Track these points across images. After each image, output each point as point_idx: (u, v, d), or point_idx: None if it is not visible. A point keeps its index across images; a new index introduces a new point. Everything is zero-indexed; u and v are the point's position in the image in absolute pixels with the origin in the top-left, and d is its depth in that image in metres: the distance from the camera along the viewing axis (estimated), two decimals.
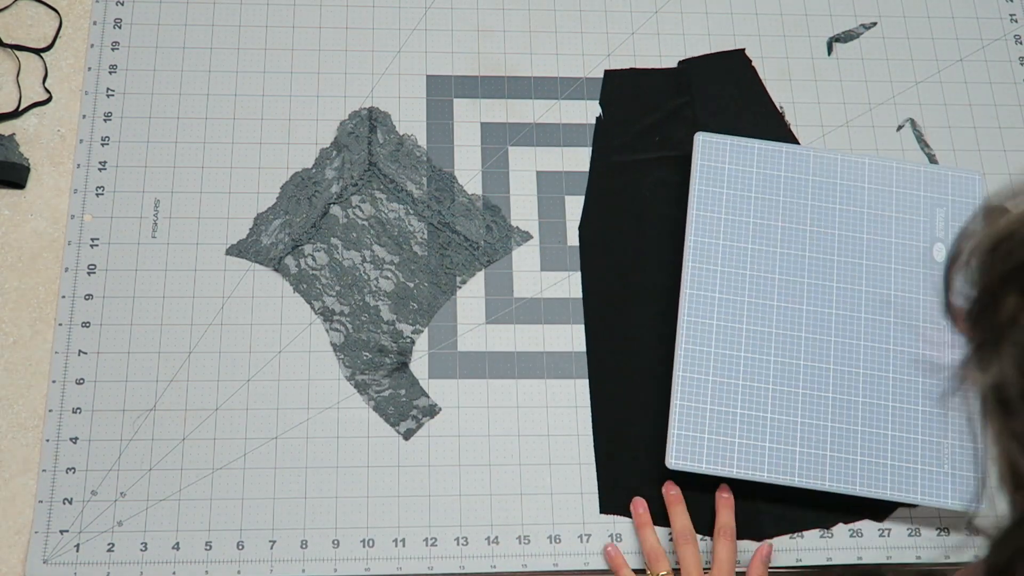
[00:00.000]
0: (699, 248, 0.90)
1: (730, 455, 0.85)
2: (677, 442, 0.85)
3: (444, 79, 0.99)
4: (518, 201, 0.95)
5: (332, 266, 0.91)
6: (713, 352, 0.87)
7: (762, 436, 0.85)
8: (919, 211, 0.93)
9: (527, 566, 0.84)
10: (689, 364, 0.87)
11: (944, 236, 0.92)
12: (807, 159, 0.93)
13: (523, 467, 0.87)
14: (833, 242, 0.91)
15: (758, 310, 0.89)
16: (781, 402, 0.86)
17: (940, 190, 0.93)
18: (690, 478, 0.85)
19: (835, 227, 0.92)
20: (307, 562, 0.83)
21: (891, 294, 0.90)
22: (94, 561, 0.82)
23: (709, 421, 0.85)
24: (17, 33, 0.98)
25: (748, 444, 0.85)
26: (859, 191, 0.93)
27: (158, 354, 0.88)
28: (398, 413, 0.88)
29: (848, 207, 0.92)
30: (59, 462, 0.84)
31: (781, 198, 0.92)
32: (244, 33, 0.99)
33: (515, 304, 0.92)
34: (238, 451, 0.86)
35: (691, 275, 0.89)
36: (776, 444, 0.85)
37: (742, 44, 1.03)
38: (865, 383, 0.87)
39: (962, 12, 1.06)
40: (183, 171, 0.94)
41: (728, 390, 0.86)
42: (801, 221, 0.92)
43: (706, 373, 0.87)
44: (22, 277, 0.90)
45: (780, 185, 0.92)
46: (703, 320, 0.88)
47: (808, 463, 0.85)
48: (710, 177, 0.92)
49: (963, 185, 0.94)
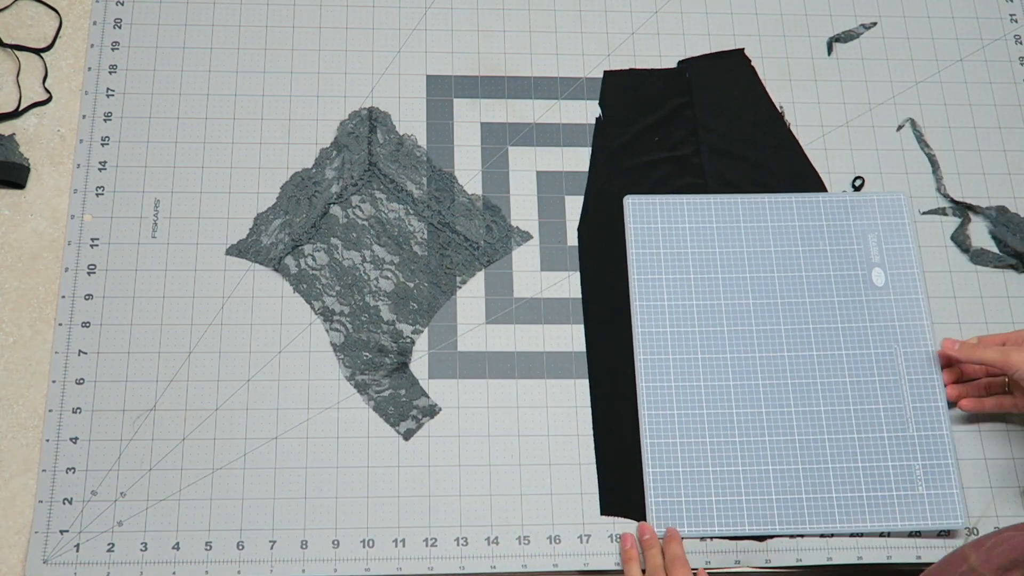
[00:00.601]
0: (645, 311, 0.91)
1: (709, 514, 0.85)
2: (656, 509, 0.85)
3: (444, 79, 0.99)
4: (518, 201, 0.95)
5: (332, 266, 0.91)
6: (676, 415, 0.88)
7: (737, 490, 0.86)
8: (851, 240, 0.93)
9: (527, 566, 0.84)
10: (655, 430, 0.87)
11: (880, 260, 0.93)
12: (736, 207, 0.94)
13: (523, 467, 0.87)
14: (774, 285, 0.92)
15: (713, 365, 0.89)
16: (750, 453, 0.87)
17: (868, 216, 0.94)
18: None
19: (773, 270, 0.92)
20: (307, 562, 0.83)
21: (838, 327, 0.90)
22: (94, 561, 0.82)
23: (684, 484, 0.86)
24: (17, 33, 0.98)
25: (725, 500, 0.85)
26: (791, 230, 0.94)
27: (158, 354, 0.88)
28: (398, 413, 0.88)
29: (783, 248, 0.93)
30: (59, 462, 0.84)
31: (717, 250, 0.93)
32: (244, 33, 0.99)
33: (515, 304, 0.92)
34: (238, 451, 0.86)
35: (642, 339, 0.90)
36: (752, 496, 0.85)
37: (742, 44, 1.03)
38: (828, 419, 0.88)
39: (962, 12, 1.06)
40: (183, 171, 0.94)
41: (696, 449, 0.87)
42: (740, 269, 0.92)
43: (672, 436, 0.87)
44: (22, 277, 0.90)
45: (714, 237, 0.93)
46: (661, 384, 0.88)
47: (786, 509, 0.85)
48: (645, 239, 0.93)
49: (889, 208, 0.95)
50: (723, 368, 0.89)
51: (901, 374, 0.90)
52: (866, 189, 0.97)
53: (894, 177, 0.98)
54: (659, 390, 0.88)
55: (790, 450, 0.87)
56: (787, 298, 0.91)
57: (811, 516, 0.85)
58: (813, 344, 0.90)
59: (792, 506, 0.85)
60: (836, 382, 0.89)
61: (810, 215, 0.94)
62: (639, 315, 0.90)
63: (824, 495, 0.86)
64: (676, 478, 0.86)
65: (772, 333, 0.90)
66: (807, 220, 0.94)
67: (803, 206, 0.94)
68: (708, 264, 0.92)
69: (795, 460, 0.87)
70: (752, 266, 0.92)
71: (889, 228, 0.94)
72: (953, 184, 0.98)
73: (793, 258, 0.93)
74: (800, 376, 0.89)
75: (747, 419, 0.88)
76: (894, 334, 0.91)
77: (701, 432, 0.87)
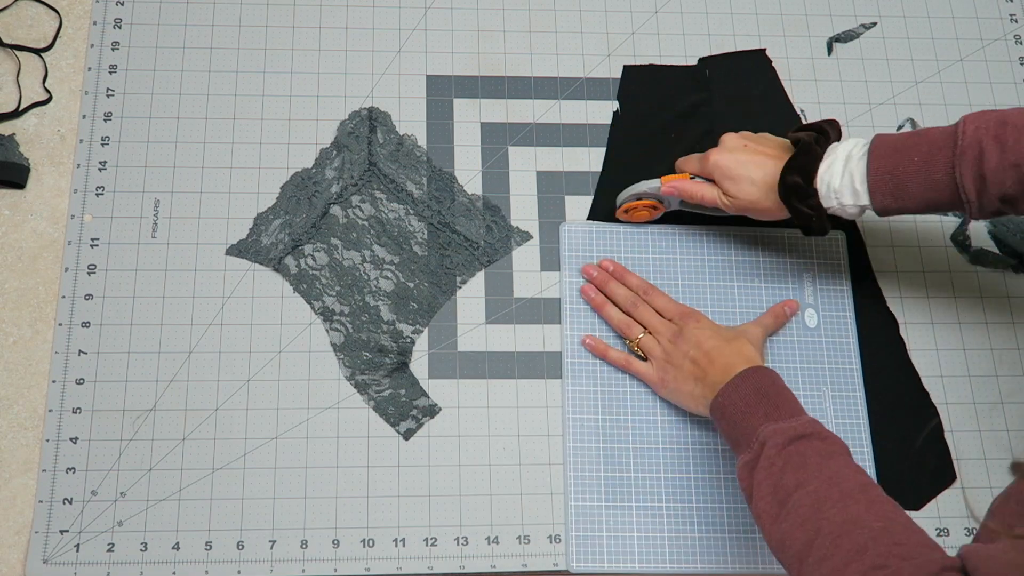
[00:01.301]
0: (575, 340, 0.90)
1: (629, 550, 0.84)
2: (576, 544, 0.84)
3: (444, 79, 0.99)
4: (518, 201, 0.95)
5: (332, 266, 0.91)
6: (600, 448, 0.87)
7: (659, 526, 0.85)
8: (787, 278, 0.93)
9: (527, 566, 0.84)
10: (578, 462, 0.86)
11: (813, 301, 0.92)
12: (674, 237, 0.93)
13: (523, 467, 0.87)
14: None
15: (639, 399, 0.88)
16: (674, 491, 0.86)
17: (805, 254, 0.94)
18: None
19: (707, 303, 0.91)
20: (307, 562, 0.83)
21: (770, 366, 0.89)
22: (94, 561, 0.82)
23: (606, 519, 0.85)
24: (17, 33, 0.98)
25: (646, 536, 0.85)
26: (727, 264, 0.93)
27: (158, 354, 0.88)
28: (398, 413, 0.88)
29: (719, 282, 0.92)
30: (59, 462, 0.84)
31: (652, 280, 0.91)
32: (244, 33, 0.99)
33: (515, 304, 0.92)
34: (238, 451, 0.86)
35: (570, 369, 0.89)
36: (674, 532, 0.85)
37: (742, 44, 1.03)
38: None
39: (962, 12, 1.06)
40: (183, 171, 0.94)
41: (620, 484, 0.86)
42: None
43: (596, 470, 0.86)
44: (22, 277, 0.90)
45: (649, 267, 0.92)
46: (585, 416, 0.88)
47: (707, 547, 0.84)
48: (577, 267, 0.92)
49: (827, 248, 0.94)
50: (650, 403, 0.88)
51: (828, 417, 0.89)
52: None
53: None
54: (584, 423, 0.87)
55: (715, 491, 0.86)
56: None
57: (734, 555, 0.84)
58: None
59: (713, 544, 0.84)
60: None
61: (747, 250, 0.93)
62: (567, 344, 0.90)
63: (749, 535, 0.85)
64: (598, 513, 0.85)
65: None
66: (744, 255, 0.93)
67: (741, 240, 0.94)
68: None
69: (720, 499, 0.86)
70: (686, 297, 0.91)
71: (825, 268, 0.93)
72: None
73: (727, 292, 0.92)
74: None
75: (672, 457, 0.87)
76: (823, 377, 0.90)
77: (626, 468, 0.86)
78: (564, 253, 0.93)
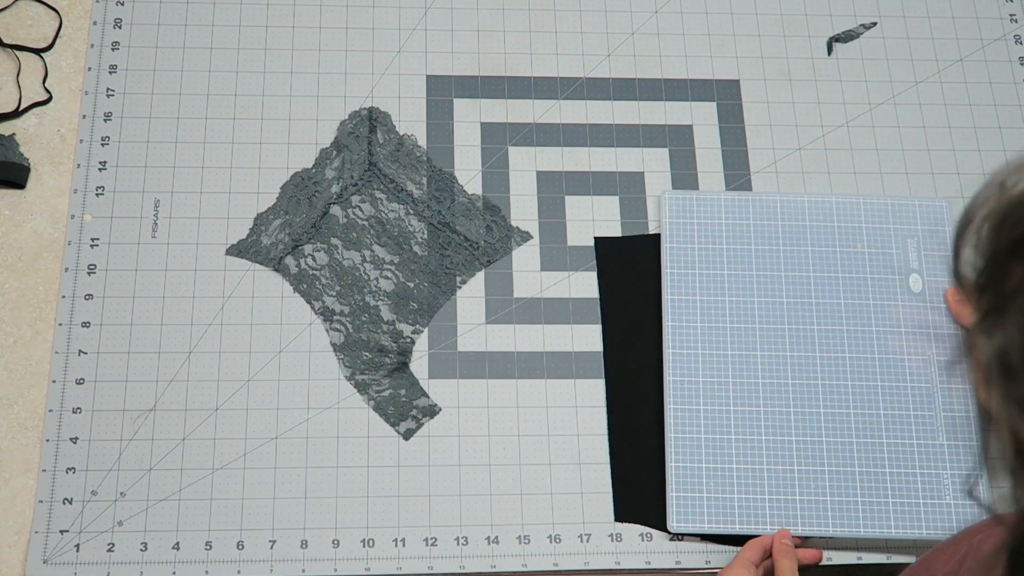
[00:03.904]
0: (677, 306, 0.90)
1: (730, 512, 0.84)
2: (677, 505, 0.84)
3: (444, 79, 0.99)
4: (518, 201, 0.95)
5: (332, 266, 0.91)
6: (702, 409, 0.87)
7: (760, 488, 0.85)
8: (891, 244, 0.93)
9: (527, 566, 0.84)
10: (680, 424, 0.87)
11: (918, 267, 0.92)
12: (775, 204, 0.93)
13: (523, 467, 0.87)
14: (809, 285, 0.91)
15: (742, 362, 0.89)
16: (775, 452, 0.86)
17: (909, 221, 0.94)
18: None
19: (809, 270, 0.91)
20: (307, 562, 0.83)
21: (872, 330, 0.90)
22: (94, 561, 0.82)
23: (706, 480, 0.85)
24: (17, 33, 0.98)
25: (747, 498, 0.85)
26: (829, 231, 0.93)
27: (158, 354, 0.88)
28: (398, 413, 0.88)
29: (820, 248, 0.92)
30: (59, 462, 0.84)
31: (753, 247, 0.92)
32: (244, 33, 0.99)
33: (515, 304, 0.92)
34: (238, 451, 0.86)
35: (671, 334, 0.89)
36: (775, 495, 0.85)
37: (742, 44, 1.03)
38: (857, 423, 0.87)
39: (962, 12, 1.06)
40: (183, 171, 0.94)
41: (721, 446, 0.86)
42: (775, 267, 0.91)
43: (697, 431, 0.86)
44: (22, 277, 0.90)
45: (751, 234, 0.92)
46: (689, 378, 0.88)
47: (809, 510, 0.84)
48: (680, 234, 0.92)
49: (931, 214, 0.94)
50: (752, 365, 0.88)
51: (934, 382, 0.88)
52: (870, 192, 0.97)
53: (894, 177, 0.98)
54: (686, 384, 0.88)
55: (816, 451, 0.86)
56: (821, 299, 0.90)
57: (835, 520, 0.84)
58: (846, 346, 0.89)
59: (816, 508, 0.84)
60: (867, 386, 0.88)
61: (850, 216, 0.93)
62: (670, 309, 0.90)
63: (849, 498, 0.85)
64: (698, 474, 0.85)
65: (805, 333, 0.89)
66: (846, 221, 0.93)
67: (843, 207, 0.93)
68: (743, 261, 0.91)
69: (821, 461, 0.86)
70: (788, 265, 0.91)
71: (929, 234, 0.93)
72: (953, 184, 0.98)
73: (829, 258, 0.92)
74: (831, 378, 0.88)
75: (774, 418, 0.87)
76: (928, 341, 0.90)
77: (727, 429, 0.86)
78: (665, 220, 0.92)
